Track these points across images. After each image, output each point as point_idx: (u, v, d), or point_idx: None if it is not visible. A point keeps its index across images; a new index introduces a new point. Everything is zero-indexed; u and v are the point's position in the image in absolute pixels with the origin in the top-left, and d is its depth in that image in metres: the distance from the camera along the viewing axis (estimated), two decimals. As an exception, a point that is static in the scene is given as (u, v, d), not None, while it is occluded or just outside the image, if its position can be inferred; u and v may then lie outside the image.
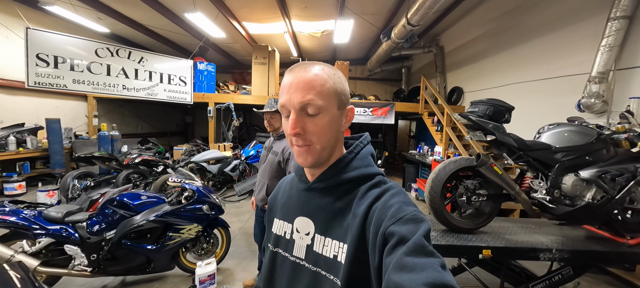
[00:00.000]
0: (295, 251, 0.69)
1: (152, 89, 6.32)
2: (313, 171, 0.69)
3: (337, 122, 0.64)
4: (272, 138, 2.18)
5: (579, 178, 1.93)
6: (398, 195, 0.60)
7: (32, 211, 2.19)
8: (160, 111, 10.20)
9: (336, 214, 0.64)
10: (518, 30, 5.09)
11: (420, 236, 0.50)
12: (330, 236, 0.63)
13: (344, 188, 0.66)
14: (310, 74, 0.61)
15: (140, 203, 2.40)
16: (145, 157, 4.94)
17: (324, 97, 0.60)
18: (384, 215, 0.56)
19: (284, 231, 0.73)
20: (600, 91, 3.52)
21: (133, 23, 6.97)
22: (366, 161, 0.68)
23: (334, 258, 0.61)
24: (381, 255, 0.53)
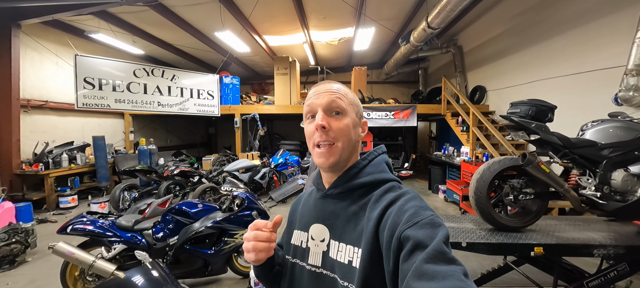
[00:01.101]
0: (311, 259, 0.70)
1: (184, 105, 6.71)
2: (330, 176, 0.72)
3: (355, 128, 0.69)
4: None
5: (629, 174, 1.94)
6: (414, 199, 0.60)
7: (106, 221, 2.45)
8: (186, 125, 10.73)
9: (350, 219, 0.66)
10: (543, 26, 5.03)
11: (439, 242, 0.49)
12: (345, 242, 0.64)
13: (358, 193, 0.68)
14: (335, 85, 0.70)
15: (197, 210, 2.61)
16: (183, 169, 5.25)
17: (347, 102, 0.68)
18: (399, 219, 0.55)
19: (300, 240, 0.74)
20: (638, 83, 3.44)
21: (163, 44, 7.45)
22: (380, 167, 0.70)
23: (349, 263, 0.61)
24: (396, 259, 0.53)
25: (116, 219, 2.50)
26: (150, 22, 6.16)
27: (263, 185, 5.55)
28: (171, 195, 4.94)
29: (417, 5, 5.97)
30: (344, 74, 10.54)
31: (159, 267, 1.29)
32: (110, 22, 5.81)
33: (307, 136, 0.70)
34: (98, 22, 5.71)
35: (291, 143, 9.42)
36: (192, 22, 6.35)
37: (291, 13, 6.09)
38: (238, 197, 2.71)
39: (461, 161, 5.47)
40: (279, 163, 5.90)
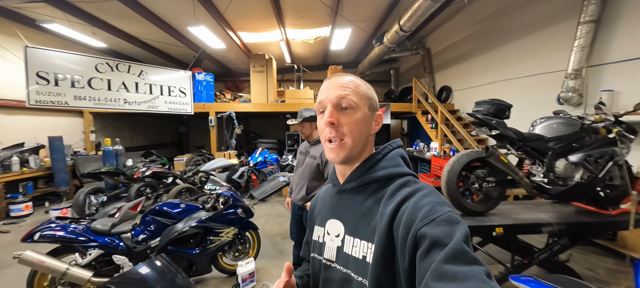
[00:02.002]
0: (326, 253, 0.71)
1: (153, 102, 6.36)
2: (344, 171, 0.72)
3: (367, 122, 0.68)
4: (308, 143, 2.43)
5: (569, 162, 2.30)
6: (430, 195, 0.58)
7: (80, 226, 2.31)
8: (155, 124, 10.12)
9: (364, 214, 0.65)
10: (501, 33, 5.58)
11: (459, 241, 0.47)
12: (359, 237, 0.64)
13: (372, 188, 0.67)
14: (347, 78, 0.69)
15: (180, 211, 2.55)
16: (155, 170, 5.00)
17: (358, 96, 0.66)
18: (415, 216, 0.54)
19: (318, 235, 0.76)
20: (575, 85, 4.00)
21: (128, 37, 6.96)
22: (395, 161, 0.69)
23: (363, 258, 0.61)
24: (412, 257, 0.52)
25: (90, 223, 2.36)
26: (114, 13, 5.73)
27: (241, 184, 5.48)
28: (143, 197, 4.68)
29: (390, 8, 6.27)
30: (319, 73, 10.67)
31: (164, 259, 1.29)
32: (66, 12, 5.31)
33: (319, 131, 0.70)
34: (52, 10, 5.19)
35: (269, 141, 9.35)
36: (163, 16, 6.03)
37: (268, 10, 6.05)
38: (222, 195, 2.70)
39: (431, 156, 5.89)
40: (258, 161, 5.86)
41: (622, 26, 3.64)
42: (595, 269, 2.90)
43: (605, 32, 3.81)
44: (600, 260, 3.09)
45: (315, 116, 2.39)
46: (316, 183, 2.36)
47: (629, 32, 3.57)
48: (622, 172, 2.35)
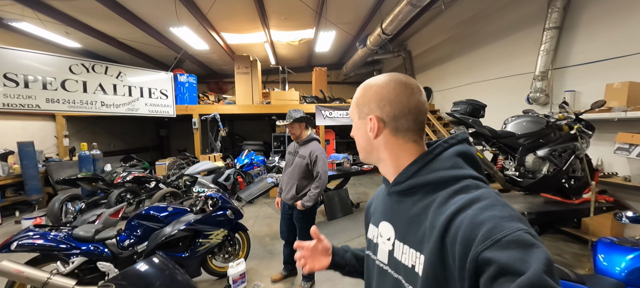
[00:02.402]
0: (379, 255, 0.69)
1: (133, 104, 6.15)
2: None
3: (360, 130, 0.69)
4: (296, 143, 2.49)
5: (537, 157, 2.51)
6: (492, 207, 0.49)
7: (61, 233, 2.22)
8: (134, 127, 9.74)
9: (412, 220, 0.60)
10: (476, 37, 5.91)
11: (538, 272, 0.39)
12: (408, 244, 0.60)
13: (421, 192, 0.61)
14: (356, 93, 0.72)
15: (167, 214, 2.52)
16: (137, 174, 4.85)
17: (351, 108, 0.72)
18: (474, 235, 0.46)
19: (373, 235, 0.75)
20: (542, 86, 4.33)
21: (104, 37, 6.69)
22: (450, 162, 0.60)
23: (412, 268, 0.58)
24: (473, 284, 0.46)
25: (72, 230, 2.28)
26: (89, 11, 5.50)
27: (228, 186, 5.41)
28: (124, 203, 4.53)
29: (373, 12, 6.45)
30: (304, 74, 10.73)
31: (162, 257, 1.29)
32: (37, 10, 5.03)
33: None
34: (21, 8, 4.90)
35: (255, 143, 9.27)
36: (143, 16, 5.86)
37: (252, 12, 6.04)
38: (211, 198, 2.69)
39: (414, 154, 6.12)
40: (245, 163, 5.82)
41: (581, 33, 4.00)
42: (563, 254, 3.16)
43: (567, 38, 4.16)
44: (567, 246, 3.36)
45: (305, 117, 2.45)
46: (306, 182, 2.42)
47: (587, 38, 3.93)
48: (583, 165, 2.60)
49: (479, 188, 0.55)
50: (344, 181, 5.13)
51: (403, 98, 0.63)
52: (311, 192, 2.39)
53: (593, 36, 3.84)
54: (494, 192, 0.54)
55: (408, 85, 0.64)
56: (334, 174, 4.72)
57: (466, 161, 0.61)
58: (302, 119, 2.44)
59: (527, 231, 0.44)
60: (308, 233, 2.55)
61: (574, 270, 1.44)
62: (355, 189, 6.64)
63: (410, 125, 0.64)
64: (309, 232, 2.62)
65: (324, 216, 4.66)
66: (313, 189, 2.40)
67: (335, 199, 4.78)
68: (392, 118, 0.64)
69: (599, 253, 1.50)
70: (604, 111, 3.18)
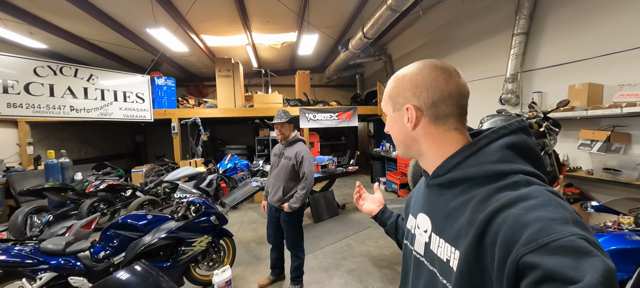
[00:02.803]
0: (416, 246, 0.68)
1: (106, 109, 5.83)
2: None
3: (396, 123, 0.66)
4: (281, 144, 2.49)
5: (511, 153, 2.66)
6: (543, 207, 0.43)
7: (26, 247, 2.05)
8: (107, 133, 9.21)
9: (450, 215, 0.58)
10: (451, 41, 6.19)
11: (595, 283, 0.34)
12: (444, 238, 0.58)
13: (461, 187, 0.57)
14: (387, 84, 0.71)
15: (146, 222, 2.40)
16: (112, 182, 4.58)
17: (385, 102, 0.69)
18: (516, 236, 0.42)
19: (411, 225, 0.74)
20: (513, 88, 4.60)
21: (73, 37, 6.30)
22: (496, 155, 0.54)
23: (447, 262, 0.55)
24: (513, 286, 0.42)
25: (39, 244, 2.11)
26: (56, 11, 5.17)
27: (210, 192, 5.25)
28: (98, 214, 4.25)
29: (354, 16, 6.58)
30: (287, 77, 10.70)
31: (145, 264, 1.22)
32: (-5, 8, 4.65)
33: None
34: (-23, 6, 4.51)
35: (238, 147, 9.09)
36: (116, 16, 5.59)
37: (233, 14, 5.95)
38: (194, 203, 2.60)
39: (397, 155, 6.27)
40: (228, 168, 5.67)
41: (546, 38, 4.30)
42: (536, 245, 3.36)
43: (534, 43, 4.46)
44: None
45: (295, 119, 2.47)
46: (292, 184, 2.40)
47: (551, 43, 4.24)
48: (551, 160, 2.78)
49: (530, 185, 0.49)
50: (329, 183, 5.15)
51: (441, 82, 0.59)
52: (298, 193, 2.39)
53: (556, 41, 4.15)
54: (548, 190, 0.47)
55: (445, 68, 0.60)
56: (319, 177, 4.73)
57: (519, 154, 0.55)
58: (293, 120, 2.47)
59: (583, 237, 0.38)
60: (296, 235, 2.54)
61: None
62: (341, 191, 6.68)
63: (452, 110, 0.60)
64: (297, 234, 2.61)
65: (311, 218, 4.65)
66: (299, 190, 2.39)
67: (321, 201, 4.78)
68: (431, 104, 0.59)
69: (569, 241, 1.60)
70: (568, 110, 3.44)
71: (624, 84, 3.17)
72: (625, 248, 1.45)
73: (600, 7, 3.57)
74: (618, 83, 3.27)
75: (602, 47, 3.53)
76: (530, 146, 0.56)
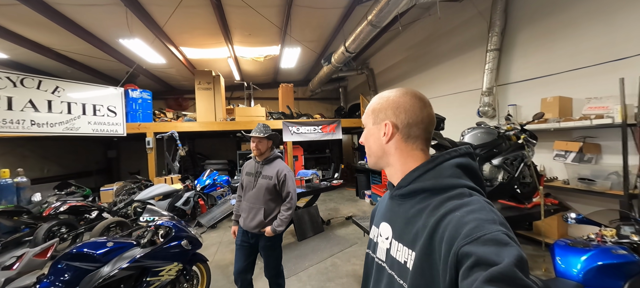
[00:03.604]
0: (378, 253, 0.76)
1: (73, 123, 5.42)
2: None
3: (373, 135, 0.76)
4: (257, 162, 2.28)
5: (493, 166, 2.67)
6: (478, 211, 0.54)
7: (-47, 288, 1.74)
8: (74, 149, 8.58)
9: (409, 221, 0.66)
10: (430, 56, 6.39)
11: (510, 265, 0.43)
12: (402, 242, 0.66)
13: (419, 197, 0.67)
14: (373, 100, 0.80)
15: (106, 251, 2.14)
16: (75, 203, 4.18)
17: (367, 115, 0.78)
18: (457, 233, 0.52)
19: (374, 234, 0.81)
20: (490, 101, 4.75)
21: (39, 47, 5.90)
22: (448, 172, 0.66)
23: (404, 263, 0.63)
24: (453, 275, 0.51)
25: (-30, 282, 1.80)
26: (19, 19, 4.83)
27: (187, 211, 4.93)
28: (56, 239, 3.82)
29: (336, 30, 6.66)
30: (271, 91, 10.60)
31: None
32: (-54, 15, 4.26)
33: None
34: None
35: (218, 162, 8.75)
36: (87, 26, 5.31)
37: (213, 27, 5.84)
38: (162, 227, 2.36)
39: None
40: (206, 184, 5.38)
41: (517, 54, 4.52)
42: (519, 257, 3.36)
43: (507, 58, 4.67)
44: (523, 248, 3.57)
45: (275, 135, 2.27)
46: (273, 205, 2.22)
47: (522, 58, 4.44)
48: (531, 171, 2.82)
49: (471, 196, 0.60)
50: (313, 198, 5.00)
51: (417, 109, 0.71)
52: (282, 215, 2.19)
53: (527, 56, 4.36)
54: (484, 200, 0.59)
55: (422, 99, 0.73)
56: (303, 192, 4.57)
57: (465, 173, 0.67)
58: (272, 137, 2.26)
59: (505, 232, 0.50)
60: (277, 261, 2.28)
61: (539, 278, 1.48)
62: (326, 205, 6.53)
63: (420, 134, 0.71)
64: (277, 260, 2.35)
65: (294, 236, 4.44)
66: (284, 211, 2.20)
67: (305, 218, 4.61)
68: (406, 125, 0.71)
69: (557, 256, 1.56)
70: (542, 122, 3.56)
71: (591, 97, 3.33)
72: (612, 263, 1.42)
73: (564, 26, 3.80)
74: (585, 96, 3.43)
75: (568, 62, 3.73)
76: (473, 167, 0.69)
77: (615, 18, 3.26)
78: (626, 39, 3.15)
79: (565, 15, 3.78)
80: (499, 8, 4.45)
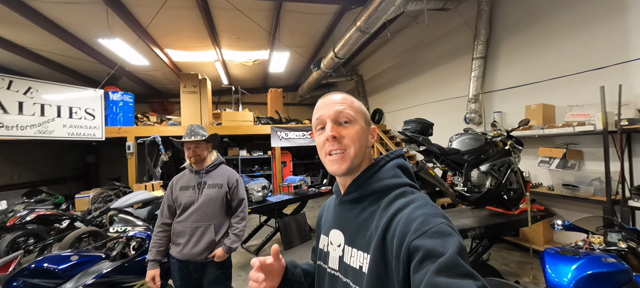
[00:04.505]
0: (330, 262, 0.73)
1: (46, 126, 5.11)
2: (344, 182, 0.73)
3: (365, 134, 0.71)
4: (196, 173, 1.86)
5: (480, 172, 2.65)
6: (424, 207, 0.58)
7: None
8: (48, 153, 8.12)
9: (361, 224, 0.67)
10: (418, 64, 6.47)
11: (453, 254, 0.47)
12: (356, 247, 0.66)
13: (369, 199, 0.68)
14: (341, 95, 0.72)
15: (68, 266, 1.95)
16: (43, 212, 3.89)
17: (354, 110, 0.70)
18: (408, 228, 0.55)
19: (323, 244, 0.78)
20: (476, 108, 4.82)
21: (11, 46, 5.59)
22: (392, 172, 0.70)
23: (360, 268, 0.63)
24: (405, 270, 0.53)
25: None
26: (-11, 16, 4.55)
27: (168, 219, 4.68)
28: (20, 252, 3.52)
29: (325, 36, 6.66)
30: (259, 95, 10.47)
31: None
32: None
33: (319, 147, 0.72)
34: None
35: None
36: (64, 24, 5.07)
37: (200, 29, 5.71)
38: (134, 238, 2.19)
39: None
40: (189, 191, 5.15)
41: (502, 62, 4.61)
42: (509, 263, 3.35)
43: (492, 66, 4.76)
44: (510, 254, 3.59)
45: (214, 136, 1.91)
46: (224, 219, 1.87)
47: (506, 66, 4.54)
48: (517, 177, 2.82)
49: (413, 193, 0.65)
50: (301, 205, 4.87)
51: None
52: (235, 229, 1.84)
53: (511, 65, 4.46)
54: (425, 195, 0.65)
55: None
56: (290, 199, 4.44)
57: (403, 172, 0.71)
58: (211, 138, 1.89)
59: (448, 224, 0.54)
60: None
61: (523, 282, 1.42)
62: (314, 212, 6.39)
63: None
64: None
65: (281, 245, 4.29)
66: (236, 224, 1.86)
67: (292, 225, 4.47)
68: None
69: (547, 265, 1.52)
70: (527, 128, 3.61)
71: (572, 105, 3.41)
72: (602, 272, 1.39)
73: (545, 36, 3.91)
74: (567, 104, 3.51)
75: (550, 71, 3.83)
76: (408, 167, 0.74)
77: (594, 29, 3.37)
78: (606, 48, 3.25)
79: (545, 26, 3.90)
80: (484, 18, 4.55)
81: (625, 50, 3.10)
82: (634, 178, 2.94)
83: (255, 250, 4.16)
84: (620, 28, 3.13)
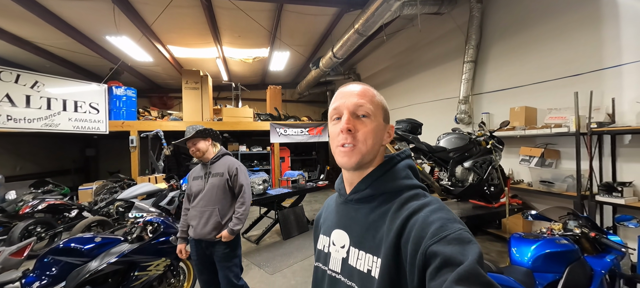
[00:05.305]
0: (331, 264, 0.69)
1: (52, 119, 5.26)
2: (351, 180, 0.70)
3: (381, 132, 0.68)
4: (203, 164, 2.15)
5: (464, 168, 2.92)
6: (440, 210, 0.56)
7: None
8: (50, 146, 8.23)
9: (370, 226, 0.63)
10: (412, 65, 6.72)
11: (473, 262, 0.45)
12: (364, 249, 0.62)
13: (379, 200, 0.65)
14: (363, 86, 0.69)
15: (94, 246, 2.17)
16: (53, 202, 4.08)
17: (374, 105, 0.67)
18: (424, 233, 0.53)
19: (323, 244, 0.74)
20: (466, 109, 5.09)
21: (16, 40, 5.69)
22: (403, 173, 0.67)
23: (368, 272, 0.59)
24: (421, 275, 0.51)
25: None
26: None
27: (172, 210, 4.89)
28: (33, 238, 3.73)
29: (324, 37, 6.85)
30: (258, 92, 10.64)
31: None
32: None
33: (332, 137, 0.69)
34: None
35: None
36: (71, 21, 5.20)
37: (203, 27, 5.87)
38: (151, 223, 2.42)
39: (365, 170, 6.45)
40: (192, 184, 5.36)
41: (490, 66, 4.88)
42: (490, 253, 3.65)
43: (481, 70, 5.03)
44: (492, 245, 3.90)
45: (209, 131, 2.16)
46: (228, 204, 2.09)
47: (495, 70, 4.81)
48: (498, 174, 3.10)
49: (427, 196, 0.63)
50: (299, 199, 5.12)
51: None
52: (237, 213, 2.06)
53: (498, 69, 4.73)
54: (439, 199, 0.64)
55: None
56: (289, 192, 4.69)
57: (413, 173, 0.69)
58: (206, 133, 2.11)
59: (466, 230, 0.53)
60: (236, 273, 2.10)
61: (496, 264, 1.70)
62: (311, 206, 6.66)
63: None
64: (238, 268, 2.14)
65: (280, 235, 4.54)
66: (238, 208, 2.08)
67: (290, 217, 4.72)
68: None
69: (512, 247, 1.79)
70: (510, 129, 3.89)
71: (552, 108, 3.69)
72: (556, 251, 1.66)
73: (531, 43, 4.18)
74: (547, 107, 3.80)
75: (534, 76, 4.11)
76: (416, 168, 0.73)
77: (572, 37, 3.64)
78: (583, 57, 3.53)
79: (531, 33, 4.16)
80: (475, 23, 4.80)
81: (600, 58, 3.38)
82: (603, 176, 3.24)
83: (255, 239, 4.40)
84: (596, 38, 3.41)
